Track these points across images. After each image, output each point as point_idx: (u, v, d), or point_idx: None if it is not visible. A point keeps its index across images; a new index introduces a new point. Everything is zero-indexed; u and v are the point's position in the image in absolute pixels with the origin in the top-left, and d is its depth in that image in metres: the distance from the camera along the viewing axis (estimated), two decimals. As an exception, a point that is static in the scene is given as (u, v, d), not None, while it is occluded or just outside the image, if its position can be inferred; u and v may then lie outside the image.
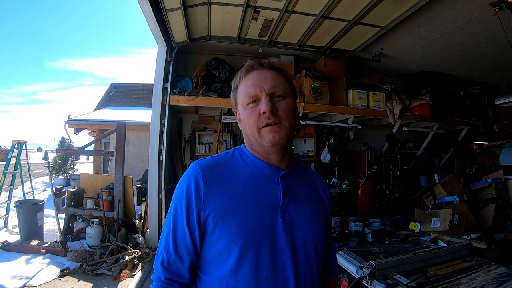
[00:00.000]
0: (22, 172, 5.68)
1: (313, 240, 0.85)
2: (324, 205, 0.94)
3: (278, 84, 0.84)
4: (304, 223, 0.84)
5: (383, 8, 2.90)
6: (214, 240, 0.78)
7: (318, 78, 3.92)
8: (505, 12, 2.74)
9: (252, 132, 0.83)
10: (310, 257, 0.84)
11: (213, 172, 0.83)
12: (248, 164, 0.87)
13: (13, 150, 5.47)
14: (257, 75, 0.84)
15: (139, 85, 14.79)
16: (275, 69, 0.87)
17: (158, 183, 3.84)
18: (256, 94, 0.82)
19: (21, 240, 4.04)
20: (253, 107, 0.82)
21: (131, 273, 3.25)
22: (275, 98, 0.82)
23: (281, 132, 0.80)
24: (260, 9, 3.15)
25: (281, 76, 0.87)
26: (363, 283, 1.64)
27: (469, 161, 5.11)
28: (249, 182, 0.83)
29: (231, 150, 0.93)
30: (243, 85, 0.86)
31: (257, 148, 0.86)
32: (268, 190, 0.83)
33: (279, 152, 0.85)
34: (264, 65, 0.86)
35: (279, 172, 0.85)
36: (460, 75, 4.75)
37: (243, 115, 0.86)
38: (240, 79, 0.87)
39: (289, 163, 0.89)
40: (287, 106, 0.83)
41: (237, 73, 0.89)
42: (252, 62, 0.87)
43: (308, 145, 4.64)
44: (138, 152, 9.21)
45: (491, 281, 1.61)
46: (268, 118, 0.80)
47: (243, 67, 0.88)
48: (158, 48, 3.80)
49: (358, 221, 3.63)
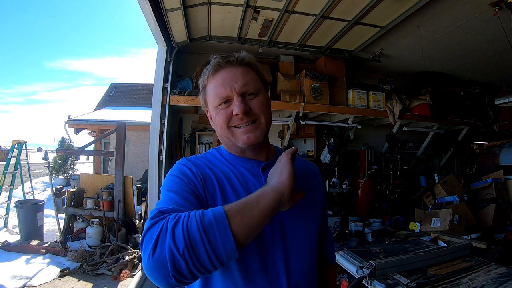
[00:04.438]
0: (22, 172, 5.68)
1: (305, 232, 0.82)
2: (316, 194, 0.91)
3: (249, 82, 0.79)
4: (294, 216, 0.81)
5: (383, 8, 2.90)
6: None
7: (318, 78, 3.92)
8: (505, 12, 2.74)
9: (224, 133, 0.81)
10: (302, 249, 0.82)
11: (202, 165, 0.82)
12: (228, 161, 0.85)
13: (13, 150, 5.48)
14: (226, 73, 0.79)
15: (139, 85, 14.79)
16: (244, 64, 0.81)
17: (158, 183, 3.83)
18: (227, 95, 0.78)
19: (21, 240, 4.05)
20: (224, 107, 0.79)
21: (131, 273, 3.25)
22: (248, 97, 0.79)
23: (257, 131, 0.78)
24: (260, 9, 3.15)
25: (251, 71, 0.82)
26: (363, 283, 1.64)
27: (469, 161, 5.10)
28: (231, 178, 0.81)
29: (210, 150, 0.92)
30: (212, 85, 0.81)
31: (232, 147, 0.84)
32: (250, 184, 0.81)
33: (255, 149, 0.83)
34: (232, 62, 0.80)
35: (259, 165, 0.83)
36: (460, 75, 4.75)
37: (214, 116, 0.82)
38: (208, 78, 0.82)
39: (268, 154, 0.87)
40: (261, 102, 0.80)
41: (204, 70, 0.84)
42: (219, 60, 0.80)
43: (308, 145, 4.63)
44: (138, 152, 9.21)
45: (491, 281, 1.61)
46: (241, 119, 0.77)
47: (210, 65, 0.82)
48: (158, 48, 3.80)
49: (358, 221, 3.63)
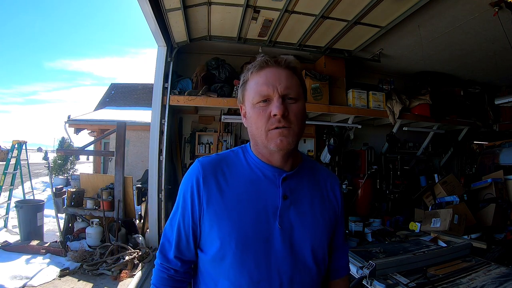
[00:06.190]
0: (22, 172, 5.68)
1: (312, 245, 0.81)
2: (332, 206, 0.90)
3: (292, 86, 0.78)
4: (305, 228, 0.81)
5: (383, 8, 2.90)
6: (210, 242, 0.79)
7: (318, 78, 3.92)
8: (505, 12, 2.74)
9: (259, 133, 0.78)
10: (308, 262, 0.81)
11: (214, 172, 0.82)
12: (250, 165, 0.84)
13: (13, 150, 5.47)
14: (271, 73, 0.78)
15: (139, 85, 14.79)
16: (290, 68, 0.80)
17: (158, 183, 3.84)
18: (268, 94, 0.76)
19: (21, 240, 4.04)
20: (263, 106, 0.77)
21: (131, 273, 3.25)
22: (288, 101, 0.77)
23: (290, 137, 0.76)
24: (260, 9, 3.15)
25: (295, 77, 0.81)
26: (363, 283, 1.64)
27: (469, 161, 5.11)
28: (248, 185, 0.81)
29: (236, 148, 0.90)
30: (254, 81, 0.80)
31: (261, 149, 0.82)
32: (267, 193, 0.80)
33: (284, 155, 0.81)
34: (280, 63, 0.79)
35: (281, 175, 0.81)
36: (460, 75, 4.75)
37: (250, 113, 0.80)
38: (252, 74, 0.81)
39: (293, 164, 0.85)
40: (298, 110, 0.78)
41: (249, 66, 0.83)
42: (267, 58, 0.80)
43: (308, 145, 4.64)
44: (138, 152, 9.20)
45: (491, 281, 1.61)
46: (278, 121, 0.75)
47: (257, 61, 0.81)
48: (158, 48, 3.80)
49: (358, 221, 3.63)
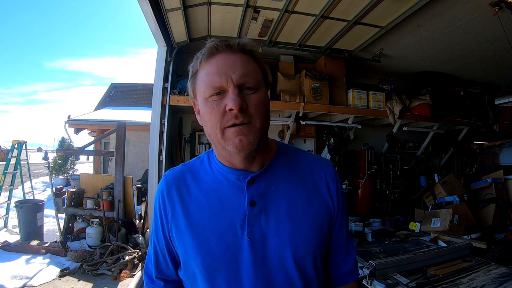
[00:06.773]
0: (22, 172, 5.68)
1: (294, 257, 0.68)
2: (324, 202, 0.74)
3: (249, 73, 0.65)
4: (281, 237, 0.68)
5: (383, 8, 2.90)
6: (182, 260, 0.73)
7: (318, 78, 3.92)
8: (505, 12, 2.74)
9: (214, 133, 0.66)
10: (292, 277, 0.68)
11: (177, 184, 0.75)
12: (214, 171, 0.74)
13: (13, 150, 5.48)
14: (224, 60, 0.65)
15: (139, 85, 14.80)
16: (246, 52, 0.68)
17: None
18: (221, 85, 0.64)
19: (21, 240, 4.05)
20: (216, 100, 0.65)
21: (131, 273, 3.25)
22: (245, 91, 0.65)
23: (250, 135, 0.64)
24: (260, 9, 3.14)
25: (253, 62, 0.68)
26: (363, 283, 1.64)
27: (469, 161, 5.10)
28: (211, 193, 0.71)
29: (202, 155, 0.80)
30: (204, 71, 0.67)
31: (221, 151, 0.70)
32: (233, 201, 0.69)
33: (247, 156, 0.68)
34: (232, 47, 0.66)
35: (246, 177, 0.69)
36: (460, 75, 4.75)
37: (203, 109, 0.68)
38: (201, 63, 0.67)
39: (263, 161, 0.72)
40: (259, 100, 0.66)
41: (197, 54, 0.69)
42: (217, 42, 0.66)
43: (308, 145, 4.63)
44: (138, 152, 9.21)
45: (491, 281, 1.61)
46: (235, 117, 0.63)
47: (205, 48, 0.68)
48: (158, 48, 3.80)
49: (358, 221, 3.63)
